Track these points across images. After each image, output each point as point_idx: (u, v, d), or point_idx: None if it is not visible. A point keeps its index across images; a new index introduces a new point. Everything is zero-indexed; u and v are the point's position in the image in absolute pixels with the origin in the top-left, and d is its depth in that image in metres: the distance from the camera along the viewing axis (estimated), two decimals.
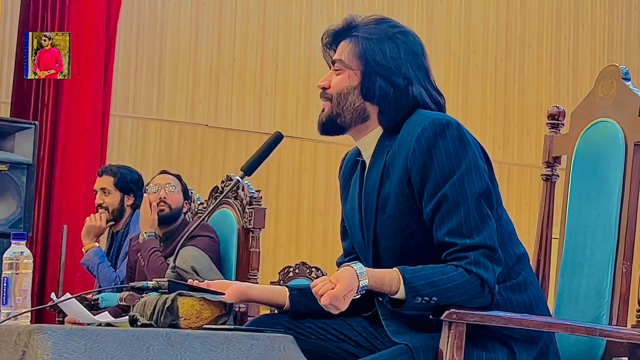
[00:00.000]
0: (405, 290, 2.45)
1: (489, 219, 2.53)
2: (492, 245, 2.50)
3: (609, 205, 2.89)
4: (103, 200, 5.49)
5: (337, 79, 2.68)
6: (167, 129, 8.11)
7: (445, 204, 2.51)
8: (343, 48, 2.68)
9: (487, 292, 2.49)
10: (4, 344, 2.32)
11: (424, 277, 2.46)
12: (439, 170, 2.53)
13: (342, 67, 2.67)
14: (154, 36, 8.07)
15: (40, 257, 6.59)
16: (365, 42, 2.66)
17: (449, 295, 2.46)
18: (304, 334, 2.68)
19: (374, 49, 2.65)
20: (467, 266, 2.48)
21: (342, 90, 2.66)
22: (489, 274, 2.48)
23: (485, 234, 2.50)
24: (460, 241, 2.49)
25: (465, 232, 2.50)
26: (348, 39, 2.68)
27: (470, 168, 2.53)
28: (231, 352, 2.28)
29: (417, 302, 2.46)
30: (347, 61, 2.67)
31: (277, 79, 8.51)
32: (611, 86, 2.99)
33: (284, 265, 7.07)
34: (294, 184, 8.55)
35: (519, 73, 9.45)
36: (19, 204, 6.01)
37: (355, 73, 2.66)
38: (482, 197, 2.53)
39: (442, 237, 2.52)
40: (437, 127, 2.55)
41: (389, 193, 2.60)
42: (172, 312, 2.46)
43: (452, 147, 2.54)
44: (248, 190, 4.42)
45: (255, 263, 4.44)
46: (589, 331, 2.70)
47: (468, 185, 2.52)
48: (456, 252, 2.50)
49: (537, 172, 9.18)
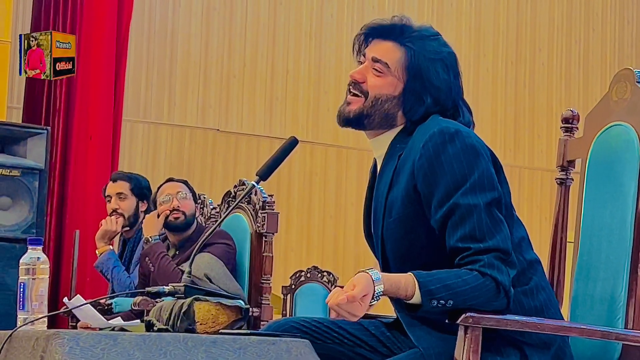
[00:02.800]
0: (420, 294, 2.44)
1: (502, 223, 2.52)
2: (505, 249, 2.50)
3: (624, 209, 2.89)
4: (119, 205, 5.47)
5: (378, 81, 2.65)
6: (178, 134, 8.12)
7: (458, 212, 2.51)
8: (392, 52, 2.65)
9: (503, 295, 2.49)
10: (22, 349, 2.33)
11: (439, 281, 2.45)
12: (450, 177, 2.52)
13: (385, 71, 2.65)
14: (165, 41, 8.09)
15: (53, 262, 6.60)
16: (421, 59, 2.63)
17: (464, 298, 2.45)
18: (320, 339, 2.68)
19: (428, 68, 2.63)
20: (482, 269, 2.47)
21: (382, 96, 2.64)
22: (504, 277, 2.48)
23: (499, 237, 2.50)
24: (474, 245, 2.49)
25: (479, 236, 2.49)
26: (399, 45, 2.65)
27: (483, 176, 2.53)
28: (248, 356, 2.28)
29: (434, 306, 2.45)
30: (393, 68, 2.64)
31: (287, 83, 8.52)
32: (625, 90, 2.98)
33: (295, 269, 7.08)
34: (305, 189, 8.55)
35: (530, 76, 9.45)
36: (32, 209, 6.02)
37: (400, 83, 2.64)
38: (495, 204, 2.53)
39: (455, 243, 2.52)
40: (445, 134, 2.55)
41: (397, 197, 2.60)
42: (188, 316, 2.46)
43: (464, 155, 2.53)
44: (261, 195, 4.42)
45: (268, 268, 4.43)
46: (605, 335, 2.69)
47: (480, 194, 2.51)
48: (469, 256, 2.50)
49: (548, 175, 9.22)
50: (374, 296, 2.43)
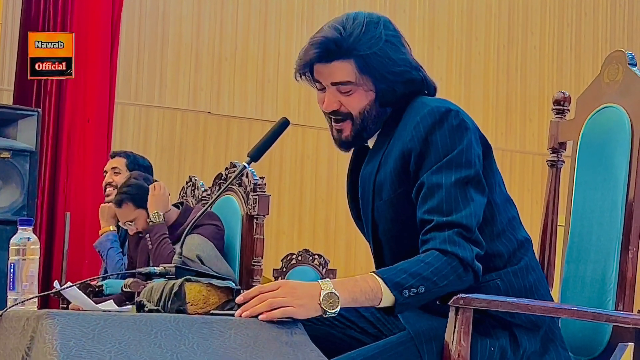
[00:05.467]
0: (389, 288, 2.41)
1: (472, 202, 2.50)
2: (468, 225, 2.48)
3: (615, 191, 2.89)
4: (112, 179, 5.51)
5: (352, 100, 2.63)
6: (169, 117, 8.11)
7: (429, 185, 2.51)
8: (345, 69, 2.61)
9: (470, 270, 2.47)
10: (12, 329, 2.32)
11: (403, 271, 2.43)
12: (433, 156, 2.53)
13: (350, 88, 2.62)
14: (156, 24, 8.07)
15: (44, 245, 6.60)
16: (372, 59, 2.60)
17: (434, 279, 2.43)
18: (310, 320, 2.68)
19: (383, 62, 2.61)
20: (441, 246, 2.46)
21: (364, 108, 2.63)
22: (466, 252, 2.46)
23: (464, 213, 2.48)
24: (437, 218, 2.48)
25: (445, 210, 2.48)
26: (348, 60, 2.61)
27: (462, 153, 2.53)
28: (239, 337, 2.28)
29: (406, 296, 2.42)
30: (356, 81, 2.61)
31: (279, 66, 8.51)
32: (617, 72, 2.98)
33: (287, 252, 7.09)
34: (297, 172, 8.55)
35: (522, 60, 9.45)
36: (22, 191, 6.01)
37: (370, 89, 2.62)
38: (470, 183, 2.52)
39: (422, 215, 2.51)
40: (436, 114, 2.55)
41: (385, 179, 2.60)
42: (179, 297, 2.46)
43: (449, 134, 2.54)
44: (252, 177, 4.42)
45: (260, 250, 4.43)
46: (595, 316, 2.70)
47: (455, 169, 2.51)
48: (430, 230, 2.48)
49: (539, 159, 9.23)
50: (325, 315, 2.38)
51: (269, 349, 2.29)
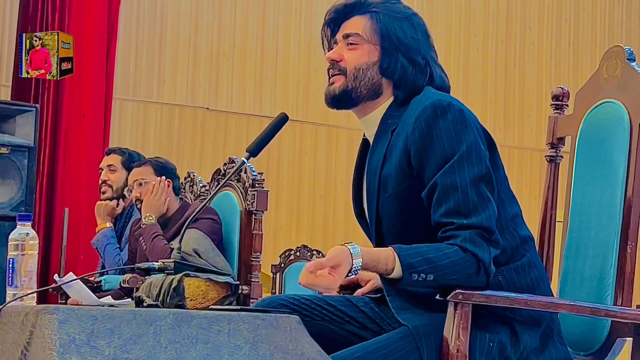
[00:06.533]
0: (401, 267, 2.44)
1: (489, 201, 2.52)
2: (488, 227, 2.49)
3: (614, 186, 2.89)
4: (108, 177, 5.50)
5: (354, 54, 2.67)
6: (167, 112, 8.10)
7: (444, 186, 2.50)
8: (359, 22, 2.67)
9: (483, 272, 2.48)
10: (11, 324, 2.32)
11: (420, 254, 2.45)
12: (439, 151, 2.52)
13: (358, 42, 2.66)
14: (154, 19, 8.06)
15: (43, 241, 6.60)
16: (387, 19, 2.66)
17: (445, 272, 2.44)
18: (309, 316, 2.69)
19: (395, 27, 2.65)
20: (463, 244, 2.46)
21: (361, 65, 2.65)
22: (485, 254, 2.47)
23: (484, 215, 2.49)
24: (457, 220, 2.49)
25: (463, 212, 2.49)
26: (365, 14, 2.68)
27: (470, 150, 2.53)
28: (238, 332, 2.28)
29: (414, 279, 2.44)
30: (365, 36, 2.66)
31: (277, 62, 8.50)
32: (616, 67, 2.98)
33: (285, 248, 7.09)
34: (295, 167, 8.55)
35: (520, 56, 9.44)
36: (21, 187, 6.01)
37: (375, 48, 2.66)
38: (483, 180, 2.52)
39: (439, 218, 2.51)
40: (437, 108, 2.55)
41: (390, 172, 2.59)
42: (178, 292, 2.46)
43: (453, 129, 2.53)
44: (250, 173, 4.42)
45: (258, 245, 4.43)
46: (594, 311, 2.70)
47: (468, 168, 2.51)
48: (452, 230, 2.49)
49: (538, 155, 9.22)
50: (352, 270, 2.42)
51: (267, 344, 2.30)
